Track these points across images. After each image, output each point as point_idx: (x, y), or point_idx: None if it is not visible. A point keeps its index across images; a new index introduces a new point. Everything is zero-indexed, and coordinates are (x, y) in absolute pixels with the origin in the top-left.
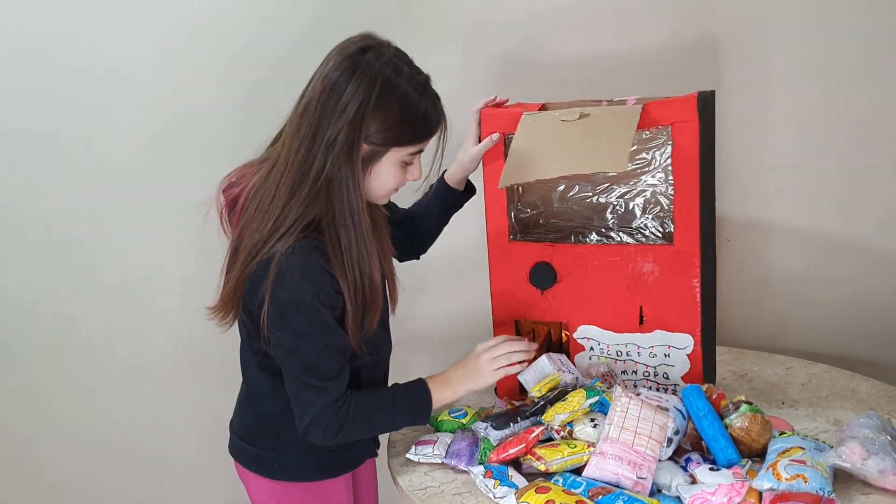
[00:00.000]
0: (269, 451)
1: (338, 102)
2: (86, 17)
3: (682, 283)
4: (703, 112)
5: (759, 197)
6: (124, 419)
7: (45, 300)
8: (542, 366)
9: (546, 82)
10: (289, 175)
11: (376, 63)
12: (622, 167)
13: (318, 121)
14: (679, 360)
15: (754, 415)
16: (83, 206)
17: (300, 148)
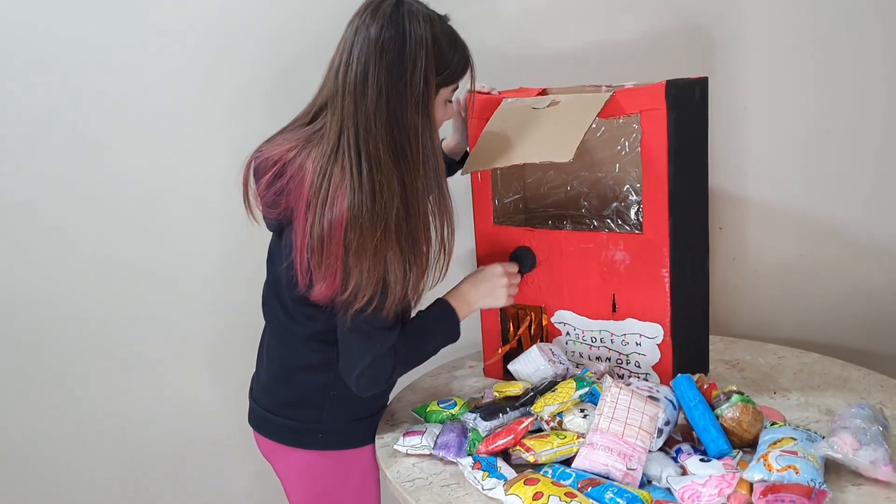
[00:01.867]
0: (314, 423)
1: (404, 57)
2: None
3: (651, 273)
4: (674, 100)
5: (752, 185)
6: (154, 405)
7: (66, 291)
8: (534, 356)
9: (543, 72)
10: (376, 143)
11: (416, 10)
12: (567, 158)
13: (388, 82)
14: (650, 349)
15: (745, 405)
16: (103, 193)
17: (376, 114)
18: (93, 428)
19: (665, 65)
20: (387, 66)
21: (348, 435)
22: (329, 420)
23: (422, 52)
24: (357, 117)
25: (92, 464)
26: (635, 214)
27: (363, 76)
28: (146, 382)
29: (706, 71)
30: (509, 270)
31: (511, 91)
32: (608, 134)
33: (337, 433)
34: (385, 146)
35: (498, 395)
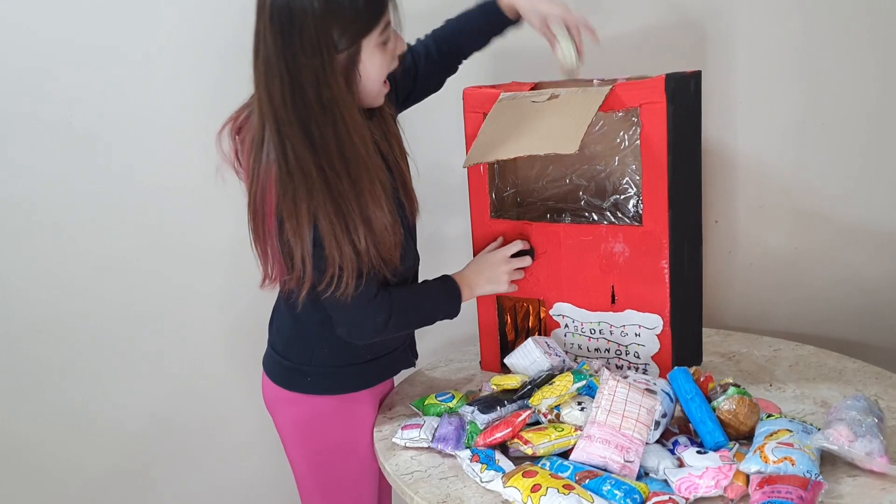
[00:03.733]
0: (305, 364)
1: (292, 36)
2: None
3: (650, 265)
4: (673, 94)
5: (748, 178)
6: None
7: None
8: (529, 349)
9: (535, 66)
10: (288, 126)
11: None
12: (573, 149)
13: (283, 55)
14: (649, 339)
15: (742, 397)
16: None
17: (283, 96)
18: (94, 422)
19: (656, 58)
20: (281, 47)
21: (340, 379)
22: (319, 362)
23: (310, 26)
24: (265, 103)
25: (92, 457)
26: (634, 207)
27: (260, 56)
28: (148, 375)
29: (697, 64)
30: (513, 256)
31: (504, 85)
32: (607, 127)
33: (326, 377)
34: (296, 128)
35: (496, 388)
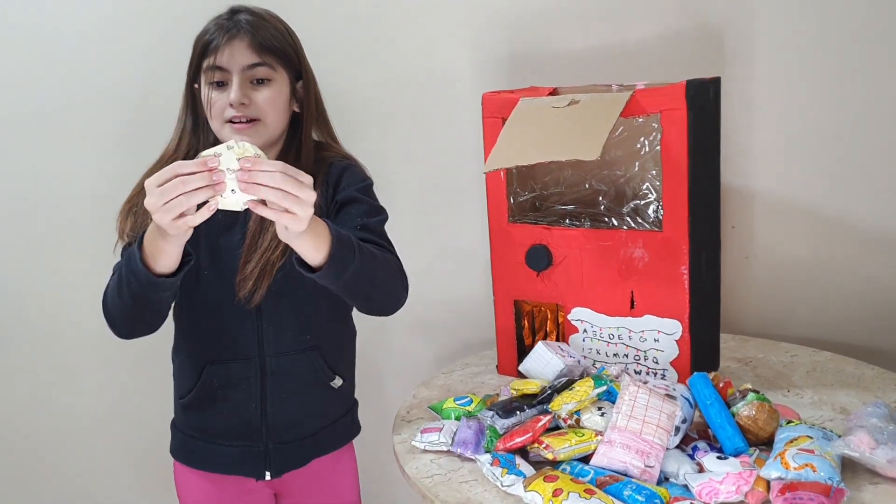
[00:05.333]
0: (354, 405)
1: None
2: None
3: (670, 270)
4: (693, 100)
5: (765, 184)
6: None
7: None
8: (541, 353)
9: (553, 72)
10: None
11: None
12: (595, 155)
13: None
14: (668, 345)
15: (761, 403)
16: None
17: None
18: (103, 423)
19: (674, 65)
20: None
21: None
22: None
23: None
24: None
25: (101, 460)
26: (654, 212)
27: None
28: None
29: (716, 70)
30: (155, 182)
31: (522, 90)
32: (627, 133)
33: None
34: None
35: (515, 393)
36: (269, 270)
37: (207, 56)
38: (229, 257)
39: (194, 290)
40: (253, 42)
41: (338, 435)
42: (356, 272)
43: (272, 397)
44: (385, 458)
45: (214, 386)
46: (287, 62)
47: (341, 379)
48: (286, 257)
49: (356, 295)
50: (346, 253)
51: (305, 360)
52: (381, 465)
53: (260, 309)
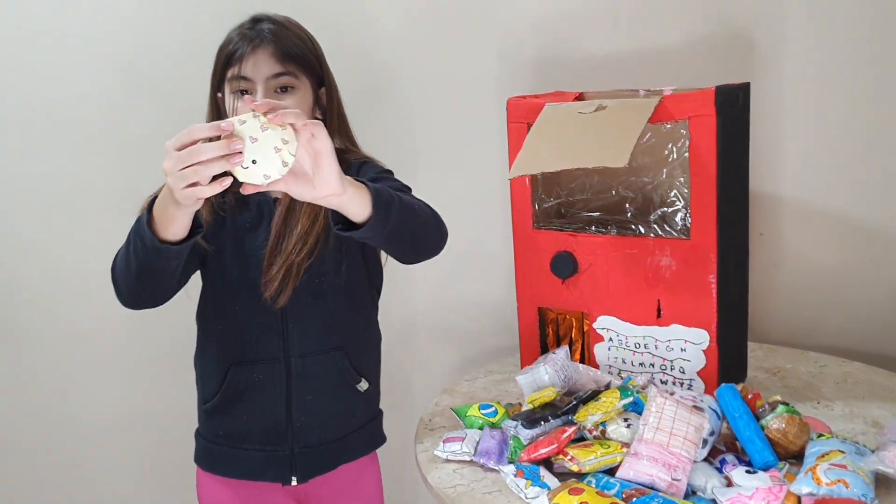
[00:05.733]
0: (379, 415)
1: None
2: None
3: (698, 279)
4: (722, 106)
5: (794, 190)
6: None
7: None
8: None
9: (579, 76)
10: None
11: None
12: (623, 162)
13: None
14: (694, 354)
15: (791, 416)
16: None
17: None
18: (126, 430)
19: (703, 69)
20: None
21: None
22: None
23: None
24: None
25: (122, 467)
26: (682, 220)
27: None
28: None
29: (745, 76)
30: (172, 144)
31: (547, 95)
32: (654, 139)
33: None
34: None
35: (532, 406)
36: (296, 273)
37: (231, 66)
38: (254, 257)
39: (219, 289)
40: (276, 51)
41: (363, 441)
42: (400, 214)
43: (297, 400)
44: (407, 465)
45: (239, 389)
46: (310, 70)
47: (367, 382)
48: (313, 258)
49: (403, 238)
50: (386, 197)
51: (331, 360)
52: (403, 473)
53: (285, 309)
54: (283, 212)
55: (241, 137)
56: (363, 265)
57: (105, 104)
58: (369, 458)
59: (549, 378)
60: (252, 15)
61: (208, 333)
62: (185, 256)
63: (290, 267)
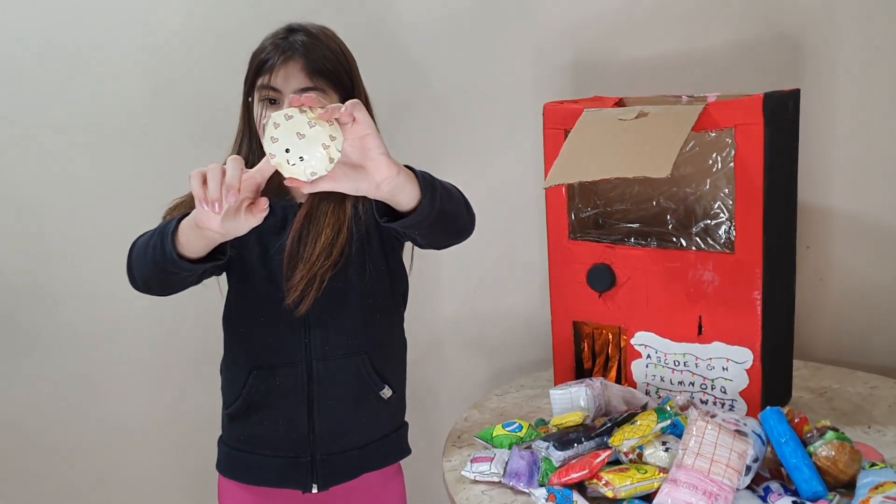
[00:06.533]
0: (404, 425)
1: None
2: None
3: (742, 295)
4: (771, 114)
5: (844, 201)
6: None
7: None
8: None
9: (619, 81)
10: None
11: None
12: (665, 173)
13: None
14: (737, 374)
15: (842, 443)
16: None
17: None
18: (149, 436)
19: (749, 74)
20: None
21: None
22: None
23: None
24: None
25: (144, 474)
26: (726, 233)
27: None
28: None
29: (792, 81)
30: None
31: (586, 100)
32: (698, 148)
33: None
34: None
35: (556, 429)
36: (318, 283)
37: (262, 74)
38: (277, 262)
39: (242, 293)
40: (306, 65)
41: (387, 451)
42: (442, 196)
43: (319, 405)
44: (433, 481)
45: (260, 393)
46: (339, 84)
47: (391, 389)
48: (337, 269)
49: (445, 221)
50: (430, 178)
51: (353, 365)
52: (429, 489)
53: (307, 313)
54: (302, 217)
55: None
56: (386, 272)
57: (135, 108)
58: (394, 470)
59: (585, 402)
60: (288, 24)
61: (233, 337)
62: (200, 273)
63: (314, 277)
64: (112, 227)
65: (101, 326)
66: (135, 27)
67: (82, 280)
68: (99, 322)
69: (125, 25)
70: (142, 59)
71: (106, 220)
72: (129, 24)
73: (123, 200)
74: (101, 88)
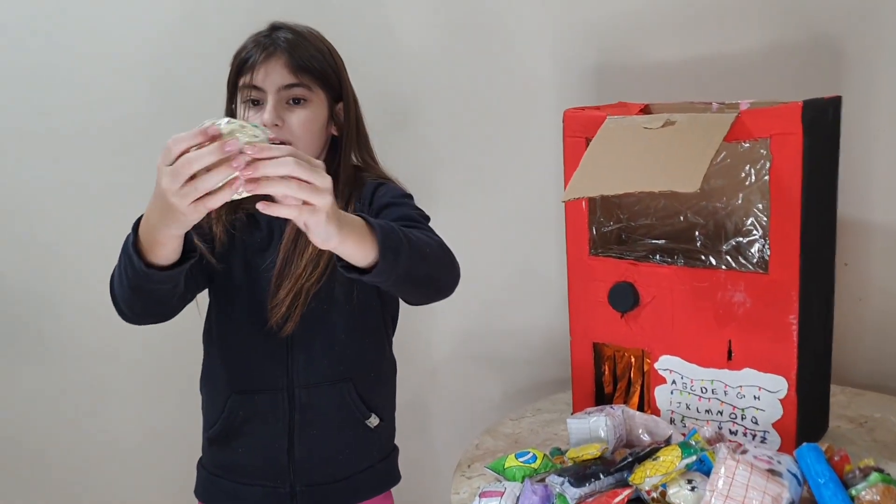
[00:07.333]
0: (393, 452)
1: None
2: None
3: (776, 319)
4: (810, 123)
5: (886, 216)
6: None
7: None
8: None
9: (645, 86)
10: None
11: None
12: (694, 187)
13: None
14: (770, 404)
15: (888, 487)
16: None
17: None
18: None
19: (783, 80)
20: None
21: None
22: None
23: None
24: None
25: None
26: (759, 251)
27: None
28: None
29: (829, 88)
30: (169, 156)
31: (609, 106)
32: (730, 160)
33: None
34: None
35: (572, 462)
36: (304, 299)
37: (244, 74)
38: (262, 280)
39: (224, 311)
40: (290, 61)
41: (374, 482)
42: (410, 258)
43: (301, 434)
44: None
45: (239, 419)
46: (326, 83)
47: (378, 418)
48: (322, 283)
49: (413, 282)
50: (395, 241)
51: (337, 393)
52: None
53: (290, 336)
54: (293, 233)
55: (234, 138)
56: (376, 292)
57: (139, 112)
58: (383, 498)
59: (605, 433)
60: (271, 22)
61: (211, 356)
62: (179, 280)
63: (299, 292)
64: (119, 234)
65: (105, 335)
66: (139, 27)
67: (88, 289)
68: (103, 331)
69: (127, 26)
70: (145, 61)
71: (111, 227)
72: (132, 25)
73: (130, 207)
74: (106, 92)
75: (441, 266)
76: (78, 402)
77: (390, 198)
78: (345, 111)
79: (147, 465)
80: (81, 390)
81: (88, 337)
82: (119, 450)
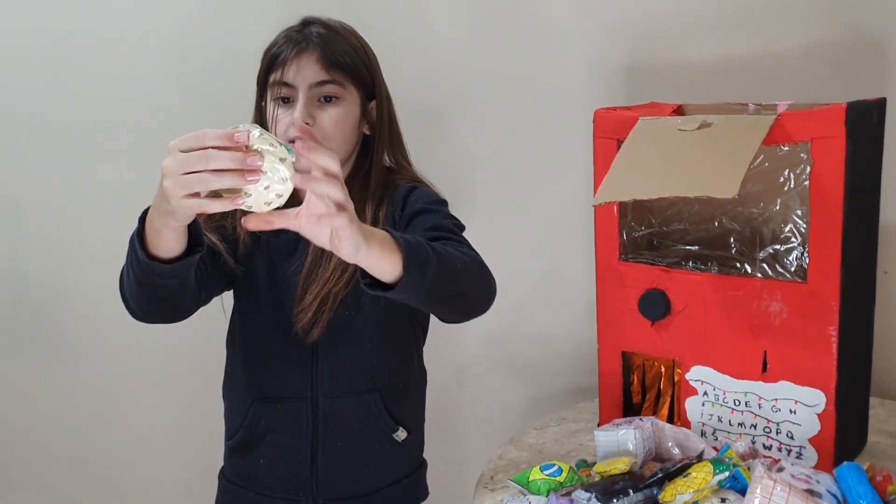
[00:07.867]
0: (421, 467)
1: None
2: None
3: (814, 330)
4: (854, 126)
5: None
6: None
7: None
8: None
9: (678, 86)
10: None
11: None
12: (731, 193)
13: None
14: (806, 418)
15: None
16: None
17: None
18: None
19: (823, 81)
20: None
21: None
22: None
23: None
24: None
25: None
26: (797, 259)
27: None
28: None
29: (872, 89)
30: (177, 146)
31: (641, 106)
32: (768, 164)
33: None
34: None
35: (599, 476)
36: (331, 303)
37: (274, 70)
38: (288, 284)
39: (248, 316)
40: (322, 57)
41: (400, 497)
42: (437, 274)
43: (324, 445)
44: None
45: (260, 428)
46: (358, 80)
47: (406, 431)
48: (349, 288)
49: (442, 299)
50: (421, 255)
51: (363, 404)
52: None
53: (315, 343)
54: None
55: (259, 153)
56: None
57: (163, 110)
58: None
59: (634, 447)
60: (303, 17)
61: (234, 362)
62: (184, 276)
63: (327, 296)
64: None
65: (128, 338)
66: (161, 24)
67: (110, 290)
68: (125, 333)
69: (151, 22)
70: (167, 55)
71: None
72: (156, 21)
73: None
74: (131, 90)
75: (472, 282)
76: (99, 408)
77: (423, 203)
78: (378, 110)
79: (168, 473)
80: (102, 394)
81: (110, 339)
82: (140, 455)
